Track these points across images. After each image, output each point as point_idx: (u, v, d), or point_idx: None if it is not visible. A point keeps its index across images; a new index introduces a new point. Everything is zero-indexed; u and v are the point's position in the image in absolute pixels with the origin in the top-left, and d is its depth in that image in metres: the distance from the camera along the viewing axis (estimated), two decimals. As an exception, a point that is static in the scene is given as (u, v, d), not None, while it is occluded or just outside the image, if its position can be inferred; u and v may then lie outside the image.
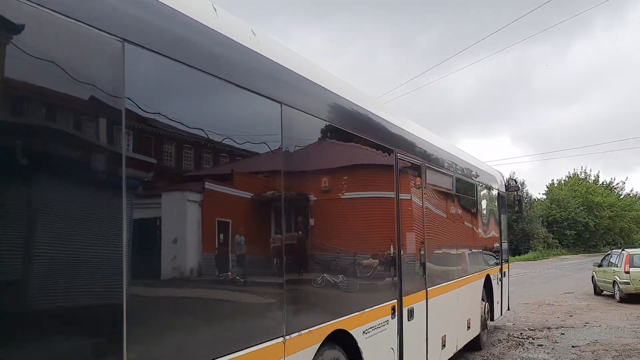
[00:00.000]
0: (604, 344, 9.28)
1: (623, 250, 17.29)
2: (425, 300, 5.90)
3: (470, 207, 8.59)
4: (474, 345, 8.47)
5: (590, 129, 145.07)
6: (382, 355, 4.68)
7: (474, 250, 8.67)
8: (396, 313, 5.01)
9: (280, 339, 3.17)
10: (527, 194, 61.20)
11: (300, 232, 3.65)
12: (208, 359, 2.56)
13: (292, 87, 3.61)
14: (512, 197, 12.18)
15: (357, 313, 4.22)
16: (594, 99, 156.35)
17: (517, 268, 37.24)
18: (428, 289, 6.00)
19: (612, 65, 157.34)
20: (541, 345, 9.26)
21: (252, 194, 3.17)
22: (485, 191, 9.79)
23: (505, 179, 11.67)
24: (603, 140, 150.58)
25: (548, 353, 8.64)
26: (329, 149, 4.18)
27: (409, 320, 5.30)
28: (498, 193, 10.82)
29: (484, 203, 9.67)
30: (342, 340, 3.97)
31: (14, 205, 1.83)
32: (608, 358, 8.21)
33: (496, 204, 10.73)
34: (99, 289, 2.10)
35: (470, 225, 8.54)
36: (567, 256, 50.92)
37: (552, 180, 72.46)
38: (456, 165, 7.86)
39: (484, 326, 8.93)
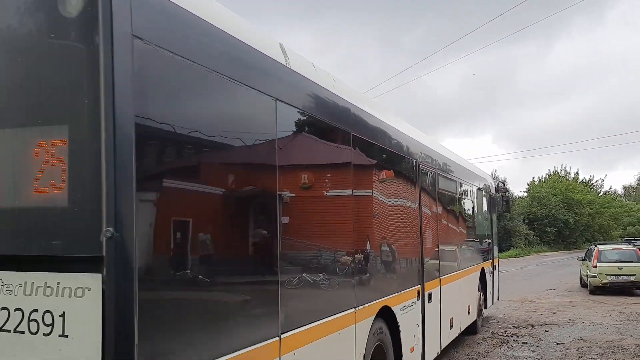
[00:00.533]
0: (588, 341, 9.25)
1: (596, 246, 19.04)
2: (439, 287, 7.06)
3: (469, 208, 9.88)
4: (472, 329, 9.47)
5: (571, 127, 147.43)
6: (411, 329, 5.79)
7: (472, 246, 9.94)
8: (420, 296, 6.16)
9: (352, 310, 4.28)
10: (508, 192, 61.75)
11: (368, 235, 4.92)
12: (321, 316, 3.78)
13: (359, 118, 4.90)
14: (500, 198, 13.38)
15: (396, 294, 5.37)
16: (574, 98, 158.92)
17: (499, 265, 37.45)
18: (441, 278, 7.18)
19: (592, 66, 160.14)
20: (526, 343, 9.19)
21: (353, 207, 4.61)
22: (480, 194, 10.93)
23: (495, 182, 13.11)
24: (583, 139, 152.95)
25: (533, 351, 8.56)
26: (380, 168, 5.34)
27: (428, 302, 6.44)
28: (490, 195, 12.01)
29: (479, 204, 10.84)
30: (385, 315, 5.00)
31: (234, 214, 3.05)
32: (592, 355, 8.16)
33: (488, 204, 11.89)
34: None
35: (469, 224, 9.75)
36: (548, 253, 51.43)
37: (533, 178, 73.26)
38: (460, 172, 9.07)
39: (479, 313, 10.02)
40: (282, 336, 3.17)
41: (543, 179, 70.18)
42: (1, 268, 2.24)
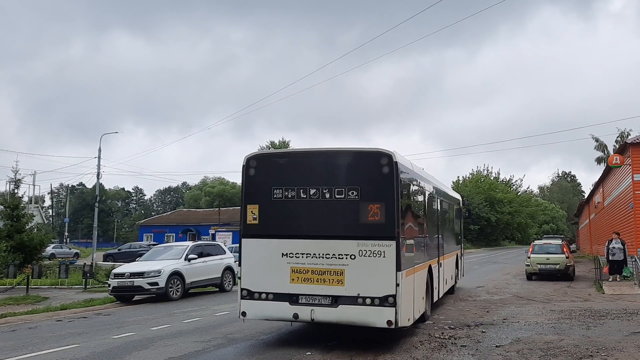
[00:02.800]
0: (527, 342, 8.87)
1: (534, 241, 24.88)
2: (443, 260, 13.21)
3: (451, 215, 15.87)
4: (452, 290, 15.90)
5: (493, 129, 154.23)
6: (435, 279, 11.81)
7: (453, 239, 16.14)
8: (438, 263, 12.30)
9: (431, 260, 11.38)
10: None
11: (435, 235, 12.43)
12: (438, 255, 12.55)
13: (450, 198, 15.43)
14: (465, 209, 20.84)
15: (432, 260, 11.58)
16: (497, 101, 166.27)
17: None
18: (442, 255, 13.07)
19: (514, 71, 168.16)
20: (464, 345, 8.67)
21: (439, 222, 13.35)
22: (456, 208, 17.21)
23: (462, 199, 20.21)
24: (504, 140, 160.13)
25: (473, 355, 8.04)
26: (437, 204, 13.04)
27: (439, 268, 12.37)
28: (459, 207, 18.30)
29: (456, 214, 17.15)
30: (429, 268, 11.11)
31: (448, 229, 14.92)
32: (535, 358, 7.73)
33: (459, 214, 18.05)
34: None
35: (452, 225, 16.17)
36: (472, 250, 52.90)
37: (458, 177, 75.41)
38: (450, 198, 15.92)
39: (455, 281, 16.45)
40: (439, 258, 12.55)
41: (467, 178, 72.33)
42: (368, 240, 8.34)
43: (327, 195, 8.54)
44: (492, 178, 72.70)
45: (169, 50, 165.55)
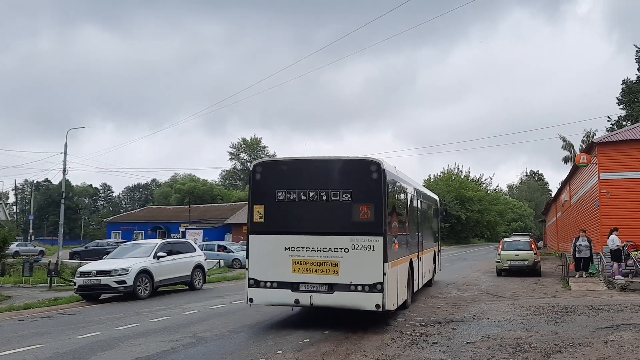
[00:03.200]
0: (496, 338, 8.94)
1: (504, 238, 25.93)
2: (422, 255, 14.78)
3: (430, 215, 17.63)
4: (430, 282, 17.36)
5: (464, 128, 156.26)
6: (416, 271, 13.33)
7: (431, 236, 17.86)
8: (418, 257, 13.76)
9: (412, 254, 13.09)
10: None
11: (415, 232, 14.07)
12: (418, 251, 14.21)
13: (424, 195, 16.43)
14: (442, 209, 22.39)
15: (413, 254, 13.14)
16: (469, 101, 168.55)
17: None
18: (421, 251, 14.64)
19: (486, 72, 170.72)
20: (436, 342, 8.69)
21: (420, 221, 15.19)
22: (434, 207, 18.84)
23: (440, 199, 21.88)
24: (475, 140, 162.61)
25: (444, 352, 8.05)
26: (418, 205, 14.81)
27: (419, 262, 13.82)
28: (437, 207, 19.94)
29: (433, 213, 18.82)
30: (410, 261, 12.54)
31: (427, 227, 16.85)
32: (504, 355, 7.78)
33: (437, 213, 19.95)
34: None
35: (431, 224, 17.93)
36: (442, 248, 53.36)
37: (429, 175, 76.06)
38: (429, 199, 17.77)
39: (433, 274, 18.00)
40: (419, 253, 14.31)
41: (438, 177, 73.06)
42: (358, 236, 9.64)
43: (324, 197, 9.86)
44: (462, 176, 73.62)
45: (139, 44, 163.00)
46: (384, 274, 9.45)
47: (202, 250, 22.70)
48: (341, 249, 9.65)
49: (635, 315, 10.93)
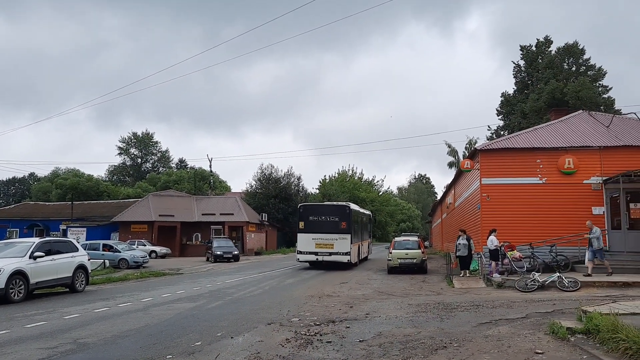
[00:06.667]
0: (387, 335, 9.19)
1: (394, 238, 28.75)
2: (364, 243, 33.69)
3: (367, 223, 36.32)
4: (366, 258, 35.53)
5: (361, 132, 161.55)
6: (361, 249, 32.20)
7: (367, 234, 36.78)
8: (361, 244, 31.69)
9: (364, 240, 34.60)
10: (302, 188, 64.08)
11: (357, 234, 30.87)
12: (361, 240, 32.93)
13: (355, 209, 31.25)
14: (373, 219, 44.81)
15: (360, 242, 31.66)
16: (367, 106, 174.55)
17: (292, 259, 38.29)
18: (363, 241, 33.13)
19: (384, 79, 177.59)
20: (330, 341, 8.75)
21: (363, 227, 34.86)
22: (369, 218, 38.05)
23: (372, 214, 45.26)
24: (371, 144, 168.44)
25: (338, 350, 8.12)
26: (362, 219, 33.60)
27: (362, 246, 32.23)
28: (370, 218, 39.02)
29: (368, 221, 37.20)
30: (358, 245, 30.46)
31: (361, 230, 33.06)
32: (395, 352, 8.01)
33: (369, 222, 38.38)
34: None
35: (367, 228, 36.77)
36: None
37: (325, 176, 77.46)
38: (363, 213, 35.16)
39: (367, 255, 36.01)
40: (362, 242, 32.99)
41: (333, 177, 74.57)
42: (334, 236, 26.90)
43: (328, 219, 26.76)
44: (356, 178, 75.79)
45: (28, 30, 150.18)
46: (350, 249, 26.29)
47: (85, 249, 21.26)
48: (334, 239, 26.29)
49: (510, 310, 11.78)
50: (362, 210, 34.73)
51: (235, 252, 37.55)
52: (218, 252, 36.78)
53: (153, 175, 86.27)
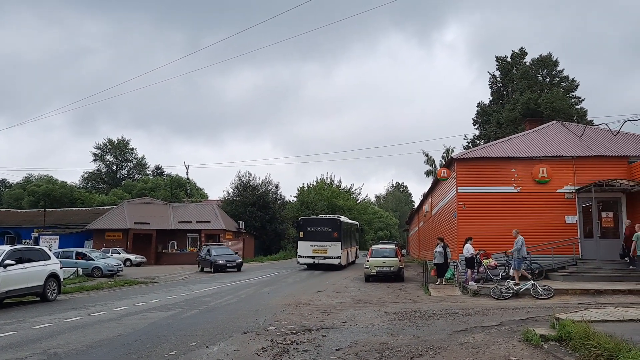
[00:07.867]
0: (364, 344, 9.19)
1: (372, 246, 27.56)
2: (351, 249, 40.13)
3: (354, 232, 43.24)
4: (354, 262, 41.29)
5: (340, 141, 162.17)
6: (350, 254, 39.00)
7: (355, 242, 44.07)
8: (349, 249, 38.46)
9: (349, 248, 40.11)
10: (280, 196, 63.91)
11: (347, 244, 39.05)
12: (350, 247, 40.75)
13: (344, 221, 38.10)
14: (360, 229, 52.95)
15: (349, 248, 38.64)
16: (347, 115, 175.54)
17: (270, 267, 38.00)
18: (351, 247, 40.16)
19: (364, 89, 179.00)
20: (306, 350, 8.71)
21: (351, 235, 43.03)
22: (356, 228, 45.21)
23: (359, 224, 52.54)
24: (349, 152, 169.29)
25: (314, 359, 8.10)
26: (350, 228, 41.14)
27: (350, 251, 38.89)
28: (357, 228, 46.26)
29: (355, 231, 44.31)
30: (350, 250, 39.73)
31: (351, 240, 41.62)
32: (372, 359, 8.02)
33: (357, 232, 47.17)
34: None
35: (355, 236, 44.00)
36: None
37: (303, 184, 77.38)
38: (354, 224, 44.49)
39: (355, 259, 42.50)
40: (350, 248, 40.41)
41: (311, 185, 74.51)
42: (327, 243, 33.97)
43: (323, 229, 33.93)
44: (334, 186, 75.80)
45: (8, 35, 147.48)
46: (341, 253, 33.49)
47: (58, 257, 20.84)
48: (328, 245, 33.30)
49: (485, 318, 11.88)
50: (350, 221, 42.57)
51: (239, 261, 34.64)
52: (221, 262, 33.04)
53: (128, 182, 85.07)
